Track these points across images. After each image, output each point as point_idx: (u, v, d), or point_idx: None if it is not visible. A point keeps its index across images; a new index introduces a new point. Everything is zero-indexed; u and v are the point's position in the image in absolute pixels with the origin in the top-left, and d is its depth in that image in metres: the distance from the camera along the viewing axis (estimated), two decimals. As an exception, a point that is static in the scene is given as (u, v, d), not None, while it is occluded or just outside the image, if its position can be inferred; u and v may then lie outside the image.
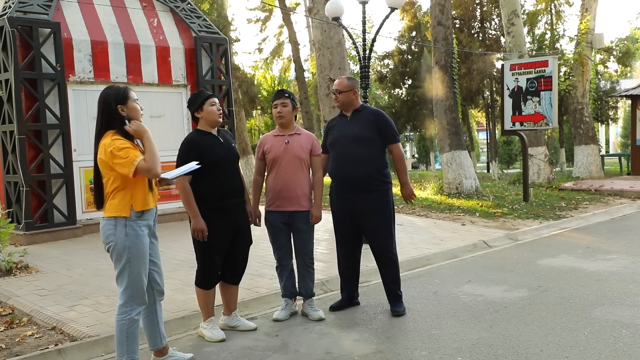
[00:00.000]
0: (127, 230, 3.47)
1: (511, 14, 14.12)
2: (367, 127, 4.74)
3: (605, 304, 4.89)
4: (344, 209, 4.86)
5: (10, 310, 5.07)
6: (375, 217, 4.75)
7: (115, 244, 3.48)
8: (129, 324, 3.55)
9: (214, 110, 4.25)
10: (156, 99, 9.49)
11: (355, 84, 4.92)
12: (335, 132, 4.90)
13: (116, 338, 3.57)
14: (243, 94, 18.35)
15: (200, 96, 4.31)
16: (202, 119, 4.29)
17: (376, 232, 4.79)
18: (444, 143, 12.47)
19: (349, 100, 4.84)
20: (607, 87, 21.75)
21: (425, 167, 29.67)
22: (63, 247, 7.69)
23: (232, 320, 4.58)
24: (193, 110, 4.31)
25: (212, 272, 4.32)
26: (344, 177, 4.78)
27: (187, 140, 4.29)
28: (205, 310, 4.42)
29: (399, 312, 4.80)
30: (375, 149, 4.74)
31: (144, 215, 3.55)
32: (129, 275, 3.51)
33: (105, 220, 3.51)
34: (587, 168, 16.02)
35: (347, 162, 4.73)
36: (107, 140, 3.42)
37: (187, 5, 10.13)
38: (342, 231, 4.96)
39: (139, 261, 3.53)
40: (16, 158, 8.00)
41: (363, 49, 10.55)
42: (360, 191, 4.73)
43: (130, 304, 3.54)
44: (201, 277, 4.35)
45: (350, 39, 10.92)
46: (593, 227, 8.87)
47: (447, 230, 8.44)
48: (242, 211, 4.44)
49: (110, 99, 3.49)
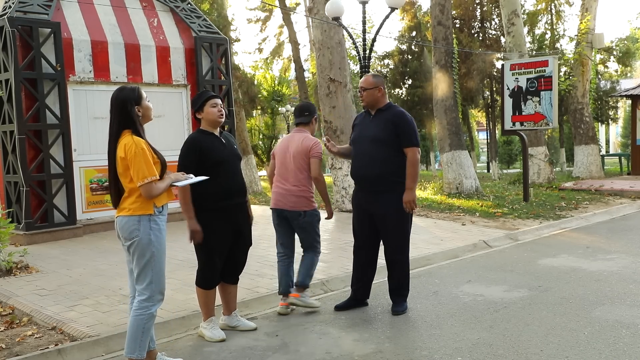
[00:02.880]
0: (151, 224, 3.51)
1: (511, 13, 14.13)
2: (386, 127, 4.70)
3: (605, 303, 4.89)
4: (359, 210, 4.87)
5: (10, 310, 5.07)
6: (390, 218, 4.71)
7: (140, 239, 3.49)
8: (148, 319, 3.56)
9: (214, 111, 4.26)
10: (156, 99, 9.47)
11: (381, 81, 4.84)
12: (357, 130, 4.91)
13: (131, 333, 3.57)
14: (243, 94, 18.36)
15: (201, 97, 4.32)
16: (203, 119, 4.31)
17: (389, 233, 4.77)
18: (444, 143, 12.47)
19: (374, 98, 4.77)
20: (607, 87, 21.77)
21: (426, 167, 29.67)
22: (63, 247, 7.69)
23: (232, 320, 4.58)
24: (194, 110, 4.35)
25: (212, 272, 4.32)
26: (360, 177, 4.82)
27: (189, 140, 4.30)
28: (206, 310, 4.41)
29: (399, 311, 4.79)
30: (392, 150, 4.68)
31: (163, 210, 3.60)
32: (153, 269, 3.53)
33: (128, 218, 3.51)
34: (587, 168, 16.02)
35: (364, 161, 4.74)
36: (128, 140, 3.46)
37: (187, 5, 10.14)
38: (359, 234, 4.94)
39: (162, 255, 3.58)
40: (16, 158, 8.00)
41: (363, 49, 10.56)
42: (375, 191, 4.72)
43: (152, 299, 3.56)
44: (202, 277, 4.34)
45: (350, 39, 10.93)
46: (593, 227, 8.87)
47: (447, 230, 8.44)
48: (244, 212, 4.43)
49: (129, 101, 3.53)
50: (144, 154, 3.44)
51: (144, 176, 3.41)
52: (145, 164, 3.43)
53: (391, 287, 4.91)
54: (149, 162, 3.45)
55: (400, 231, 4.77)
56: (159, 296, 3.60)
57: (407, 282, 4.89)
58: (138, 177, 3.42)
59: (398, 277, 4.85)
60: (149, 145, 3.53)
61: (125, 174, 3.49)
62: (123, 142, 3.47)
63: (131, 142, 3.44)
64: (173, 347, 4.27)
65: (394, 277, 4.86)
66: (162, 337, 4.44)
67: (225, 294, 4.55)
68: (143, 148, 3.45)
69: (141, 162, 3.41)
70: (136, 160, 3.41)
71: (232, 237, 4.33)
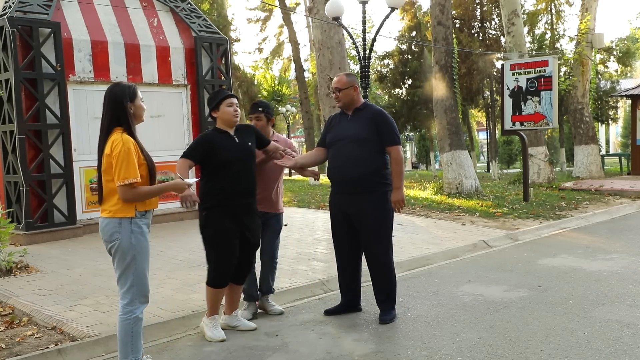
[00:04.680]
0: (132, 227, 3.45)
1: (511, 13, 14.13)
2: (366, 127, 4.57)
3: (605, 303, 4.89)
4: (338, 213, 4.71)
5: (10, 310, 5.07)
6: (370, 219, 4.54)
7: (120, 242, 3.44)
8: (134, 323, 3.52)
9: (230, 110, 4.30)
10: (156, 99, 9.48)
11: (355, 80, 4.72)
12: (334, 131, 4.76)
13: (120, 338, 3.53)
14: (243, 93, 18.38)
15: (217, 96, 4.38)
16: (219, 118, 4.35)
17: (370, 235, 4.60)
18: (444, 143, 12.47)
19: (350, 98, 4.67)
20: (607, 87, 21.76)
21: (425, 167, 29.68)
22: (63, 247, 7.69)
23: (233, 320, 4.57)
24: (210, 109, 4.40)
25: (222, 271, 4.30)
26: (341, 179, 4.65)
27: (202, 136, 4.40)
28: (212, 308, 4.41)
29: (386, 320, 4.58)
30: (372, 149, 4.54)
31: (147, 214, 3.55)
32: (134, 273, 3.48)
33: (108, 220, 3.47)
34: (587, 168, 16.02)
35: (343, 162, 4.59)
36: (117, 137, 3.41)
37: (187, 5, 10.13)
38: (337, 239, 4.79)
39: (144, 258, 3.52)
40: (16, 158, 8.00)
41: (363, 49, 10.56)
42: (355, 192, 4.56)
43: (134, 302, 3.52)
44: (212, 277, 4.32)
45: (350, 39, 10.94)
46: (593, 227, 8.87)
47: (447, 230, 8.44)
48: (252, 212, 4.42)
49: (122, 96, 3.47)
50: (129, 154, 3.37)
51: (124, 177, 3.34)
52: (129, 164, 3.35)
53: (378, 292, 4.70)
54: (133, 163, 3.37)
55: (383, 233, 4.60)
56: (141, 299, 3.55)
57: (393, 286, 4.70)
58: (119, 176, 3.35)
59: (383, 282, 4.65)
60: (137, 146, 3.46)
61: (108, 171, 3.43)
62: (111, 139, 3.42)
63: (119, 140, 3.38)
64: (173, 347, 4.27)
65: (379, 282, 4.66)
66: (162, 337, 4.45)
67: (230, 294, 4.54)
68: (130, 148, 3.38)
69: (124, 162, 3.34)
70: (120, 159, 3.34)
71: (240, 237, 4.32)
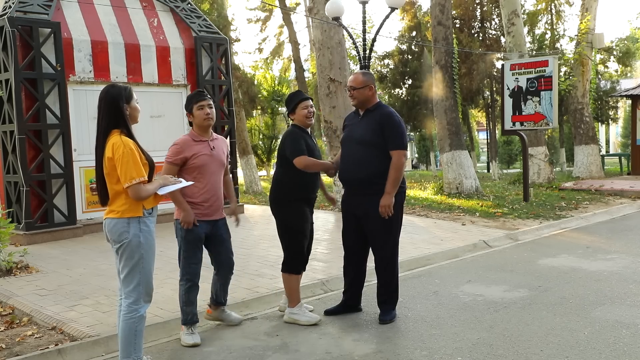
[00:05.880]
0: (141, 226, 3.48)
1: (511, 13, 14.12)
2: (372, 129, 4.54)
3: (605, 303, 4.89)
4: (347, 213, 4.77)
5: (10, 310, 5.07)
6: (376, 221, 4.55)
7: (130, 241, 3.45)
8: (138, 322, 3.53)
9: (305, 113, 4.62)
10: (156, 99, 9.49)
11: (371, 80, 4.66)
12: (347, 130, 4.80)
13: (123, 338, 3.53)
14: (243, 93, 18.36)
15: (294, 99, 4.64)
16: (295, 119, 4.67)
17: (376, 236, 4.63)
18: (444, 143, 12.47)
19: (364, 97, 4.61)
20: (607, 87, 21.75)
21: (426, 167, 29.68)
22: (63, 247, 7.69)
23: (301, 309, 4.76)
24: (287, 112, 4.72)
25: (303, 257, 4.68)
26: (345, 180, 4.71)
27: (294, 131, 4.63)
28: (296, 296, 4.67)
29: (386, 320, 4.59)
30: (378, 152, 4.52)
31: (153, 212, 3.57)
32: (141, 271, 3.50)
33: (117, 220, 3.47)
34: (587, 168, 16.01)
35: (350, 163, 4.62)
36: (117, 139, 3.40)
37: (187, 5, 10.14)
38: (346, 240, 4.82)
39: (151, 257, 3.54)
40: (16, 158, 8.00)
41: (363, 49, 10.56)
42: (360, 194, 4.60)
43: (139, 301, 3.53)
44: (295, 264, 4.64)
45: (350, 39, 10.94)
46: (593, 227, 8.87)
47: (447, 230, 8.44)
48: (313, 206, 4.83)
49: (119, 98, 3.47)
50: (133, 154, 3.38)
51: (131, 177, 3.35)
52: (134, 164, 3.37)
53: (379, 293, 4.71)
54: (138, 162, 3.39)
55: (388, 235, 4.62)
56: (146, 298, 3.56)
57: (395, 288, 4.71)
58: (126, 178, 3.35)
59: (387, 283, 4.67)
60: (137, 146, 3.47)
61: (112, 174, 3.43)
62: (111, 142, 3.42)
63: (119, 142, 3.38)
64: (173, 347, 4.27)
65: (383, 283, 4.68)
66: (162, 337, 4.46)
67: (297, 284, 4.77)
68: (132, 148, 3.39)
69: (129, 163, 3.35)
70: (124, 160, 3.35)
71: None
